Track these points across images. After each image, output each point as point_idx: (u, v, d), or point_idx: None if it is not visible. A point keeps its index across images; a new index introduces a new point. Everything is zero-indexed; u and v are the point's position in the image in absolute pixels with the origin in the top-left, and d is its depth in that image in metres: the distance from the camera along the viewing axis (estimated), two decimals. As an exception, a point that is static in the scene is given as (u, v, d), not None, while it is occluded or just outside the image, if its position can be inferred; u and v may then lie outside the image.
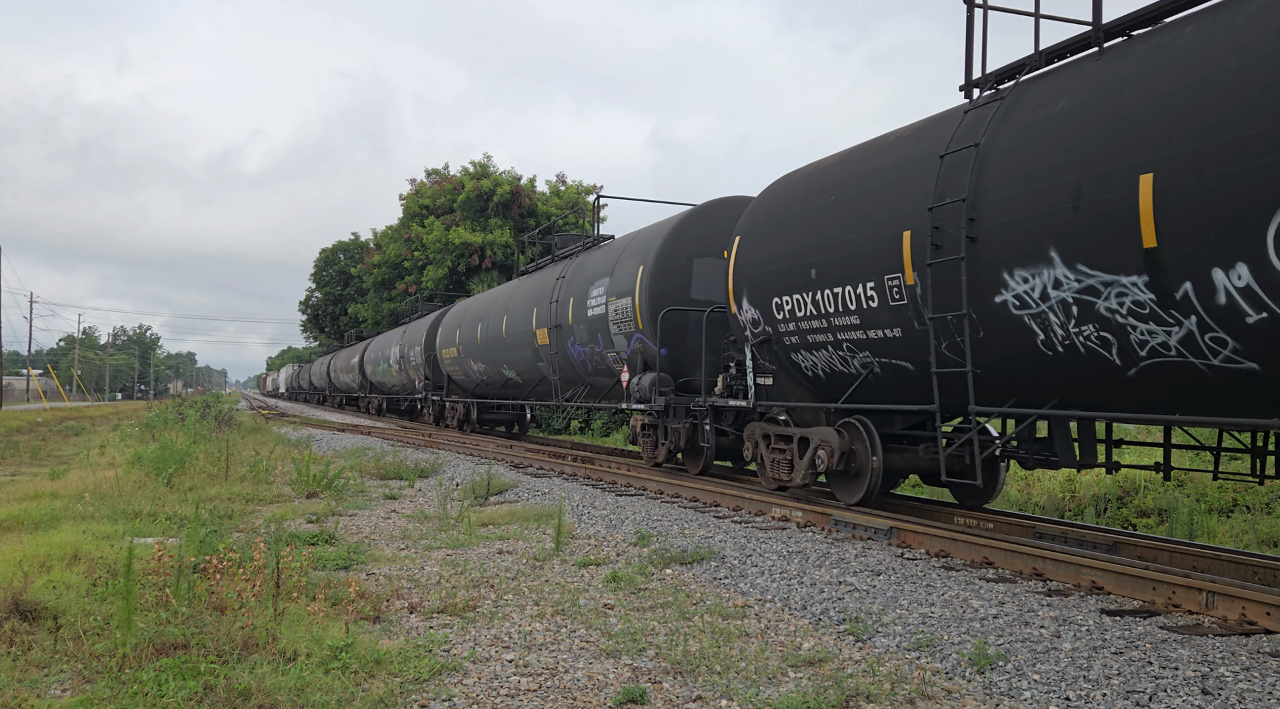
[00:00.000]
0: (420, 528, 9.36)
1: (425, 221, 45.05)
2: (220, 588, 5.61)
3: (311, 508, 10.51)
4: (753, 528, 9.09)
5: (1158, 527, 12.90)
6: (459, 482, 13.15)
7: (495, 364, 21.64)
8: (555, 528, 8.31)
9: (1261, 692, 4.35)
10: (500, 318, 20.77)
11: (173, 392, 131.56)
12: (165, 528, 8.59)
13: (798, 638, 5.43)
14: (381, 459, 16.26)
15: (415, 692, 4.38)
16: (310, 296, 69.55)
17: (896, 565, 7.25)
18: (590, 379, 16.81)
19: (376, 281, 50.94)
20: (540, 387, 19.52)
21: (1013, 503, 14.97)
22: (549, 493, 11.74)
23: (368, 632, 5.32)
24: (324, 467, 13.77)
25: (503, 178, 43.69)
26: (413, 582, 6.82)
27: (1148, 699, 4.27)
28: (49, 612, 5.32)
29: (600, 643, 5.27)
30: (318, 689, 4.27)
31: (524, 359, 19.51)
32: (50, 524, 8.43)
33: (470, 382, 24.32)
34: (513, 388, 21.74)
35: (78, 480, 12.17)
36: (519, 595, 6.41)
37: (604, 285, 15.31)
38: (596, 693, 4.45)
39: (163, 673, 4.36)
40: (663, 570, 7.24)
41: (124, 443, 19.53)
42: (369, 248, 54.36)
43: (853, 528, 8.85)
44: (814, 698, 4.30)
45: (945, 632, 5.39)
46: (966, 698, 4.41)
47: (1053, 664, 4.75)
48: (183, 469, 12.79)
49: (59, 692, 4.31)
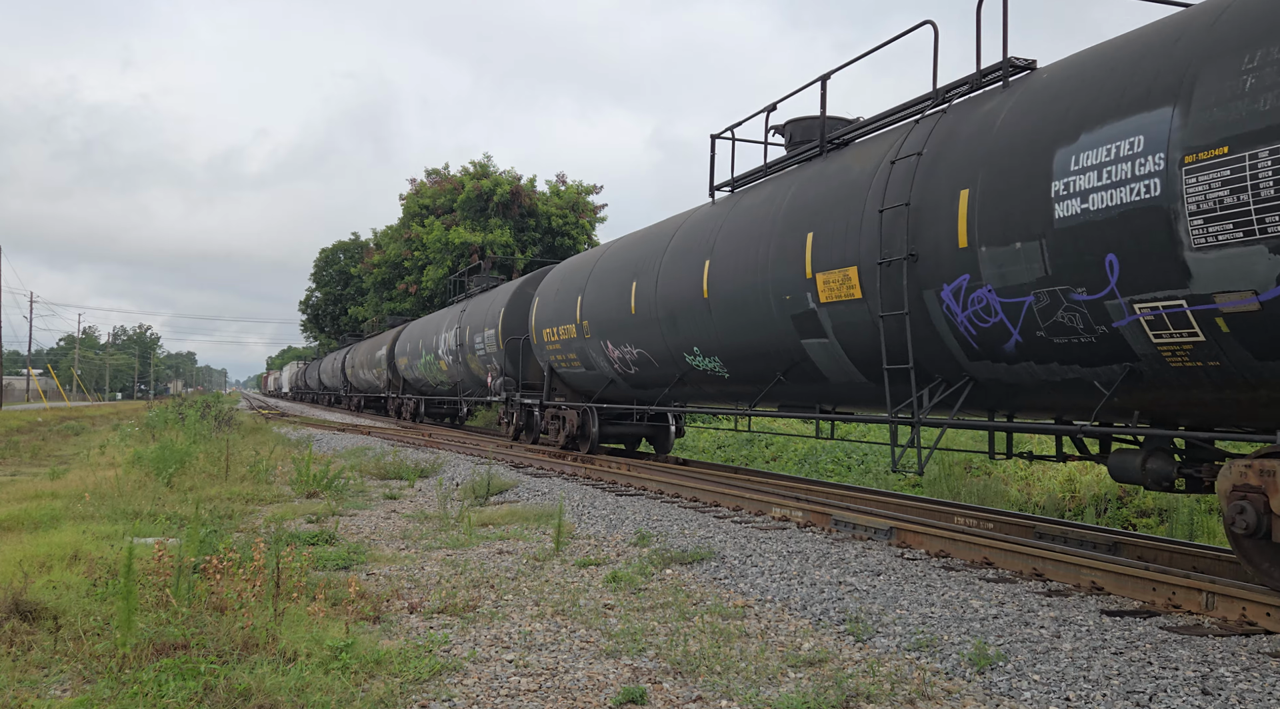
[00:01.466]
0: (420, 528, 9.36)
1: (425, 221, 45.04)
2: (220, 588, 5.61)
3: (311, 508, 10.51)
4: (753, 528, 9.09)
5: (1158, 527, 12.90)
6: (459, 481, 13.15)
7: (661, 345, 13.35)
8: (555, 528, 8.31)
9: (1261, 692, 4.35)
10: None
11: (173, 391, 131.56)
12: (165, 528, 8.59)
13: (798, 638, 5.43)
14: (381, 459, 16.26)
15: (415, 692, 4.38)
16: (310, 296, 69.52)
17: (896, 565, 7.25)
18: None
19: (376, 281, 50.94)
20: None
21: (1012, 503, 14.98)
22: (549, 493, 11.74)
23: (368, 632, 5.32)
24: (324, 467, 13.77)
25: (503, 178, 43.68)
26: (413, 582, 6.82)
27: (1148, 699, 4.27)
28: (49, 612, 5.32)
29: (600, 643, 5.27)
30: (318, 689, 4.27)
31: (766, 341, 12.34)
32: (50, 524, 8.43)
33: (603, 377, 15.62)
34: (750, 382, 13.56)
35: (78, 480, 12.17)
36: (519, 595, 6.41)
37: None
38: (596, 693, 4.45)
39: (163, 673, 4.36)
40: (663, 570, 7.24)
41: (124, 443, 19.53)
42: (369, 248, 54.34)
43: (853, 528, 8.85)
44: (814, 698, 4.30)
45: (945, 632, 5.39)
46: (966, 698, 4.41)
47: (1053, 664, 4.75)
48: (183, 469, 12.79)
49: (59, 692, 4.31)
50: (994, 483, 16.19)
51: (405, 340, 32.05)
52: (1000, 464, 17.34)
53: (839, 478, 18.78)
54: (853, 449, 20.68)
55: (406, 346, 31.47)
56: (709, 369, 11.93)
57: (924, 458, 8.06)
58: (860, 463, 19.85)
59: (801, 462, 20.69)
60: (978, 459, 17.73)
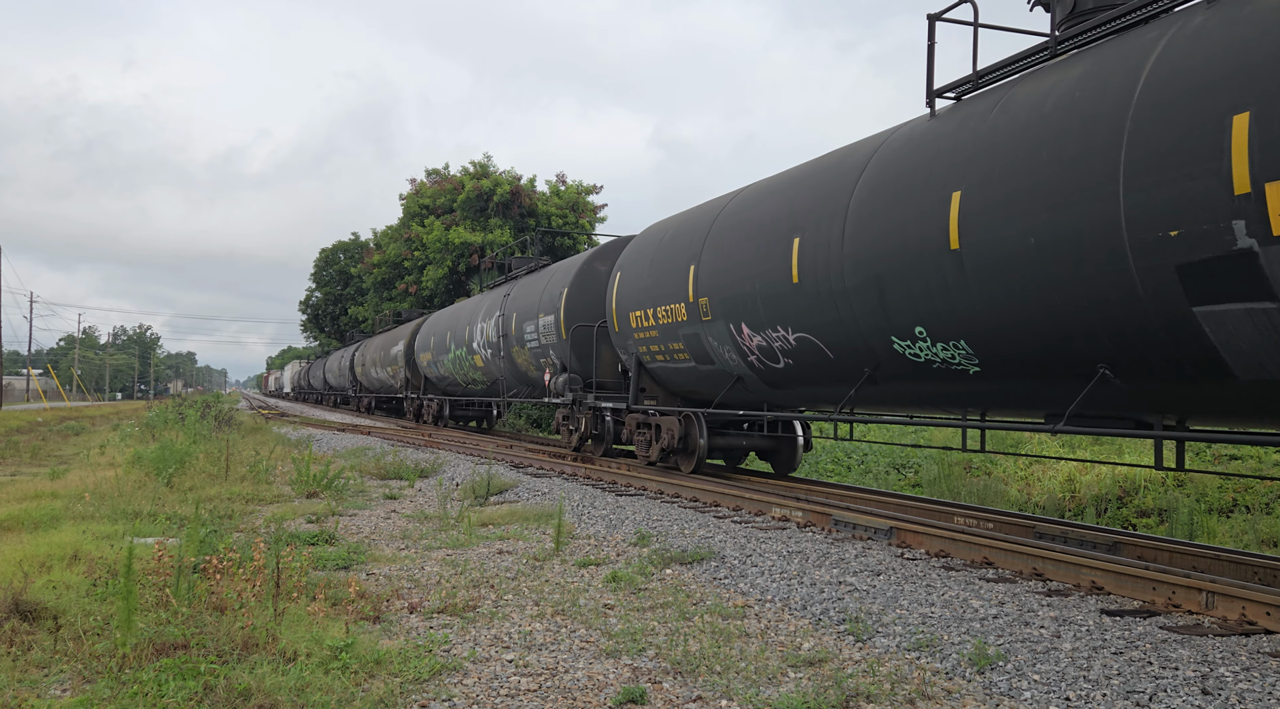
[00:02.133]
0: (420, 528, 9.36)
1: (425, 221, 45.04)
2: (220, 588, 5.61)
3: (311, 508, 10.51)
4: (753, 528, 9.09)
5: (1158, 527, 12.91)
6: (459, 482, 13.15)
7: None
8: (555, 528, 8.31)
9: (1261, 692, 4.35)
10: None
11: (173, 391, 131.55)
12: (165, 528, 8.59)
13: (798, 638, 5.43)
14: (381, 459, 16.26)
15: (415, 692, 4.38)
16: (310, 296, 69.54)
17: (896, 565, 7.25)
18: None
19: (376, 281, 50.95)
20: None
21: (1013, 503, 14.98)
22: (549, 493, 11.74)
23: (368, 632, 5.32)
24: (324, 467, 13.77)
25: (502, 178, 43.69)
26: (413, 582, 6.82)
27: (1148, 699, 4.27)
28: (49, 612, 5.32)
29: (600, 643, 5.27)
30: (318, 689, 4.27)
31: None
32: (50, 524, 8.43)
33: (726, 374, 12.38)
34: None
35: (78, 480, 12.17)
36: (519, 595, 6.41)
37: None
38: (596, 693, 4.45)
39: (163, 673, 4.36)
40: (663, 570, 7.24)
41: (124, 443, 19.53)
42: (369, 248, 54.34)
43: (853, 528, 8.85)
44: (814, 698, 4.30)
45: (945, 632, 5.39)
46: (966, 698, 4.41)
47: (1053, 664, 4.75)
48: (183, 469, 12.79)
49: (59, 692, 4.31)
50: (994, 483, 16.19)
51: (428, 333, 28.51)
52: (1000, 464, 17.34)
53: (839, 478, 18.77)
54: (853, 449, 20.61)
55: (430, 340, 27.89)
56: (938, 360, 8.20)
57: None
58: (860, 463, 19.84)
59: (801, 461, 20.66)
60: (978, 459, 17.74)
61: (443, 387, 28.23)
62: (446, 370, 26.39)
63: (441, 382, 27.87)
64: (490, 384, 22.80)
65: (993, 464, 17.33)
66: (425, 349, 28.61)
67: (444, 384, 27.73)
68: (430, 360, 28.07)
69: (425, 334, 29.13)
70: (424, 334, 29.34)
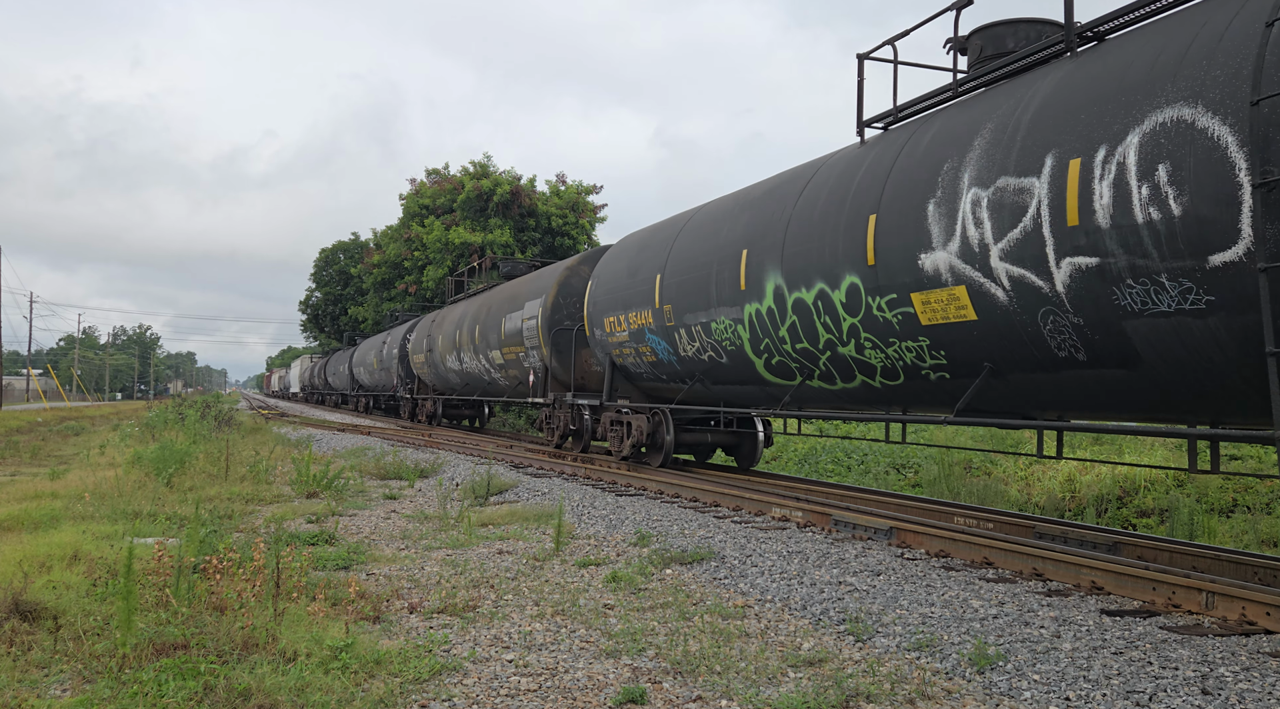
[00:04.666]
0: (420, 528, 9.36)
1: (425, 221, 45.05)
2: (220, 588, 5.61)
3: (311, 508, 10.51)
4: (753, 528, 9.09)
5: (1158, 527, 12.91)
6: (459, 482, 13.15)
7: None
8: (555, 528, 8.31)
9: (1261, 692, 4.35)
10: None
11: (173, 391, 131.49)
12: (165, 528, 8.59)
13: (798, 638, 5.43)
14: (381, 459, 16.27)
15: (415, 692, 4.38)
16: (310, 296, 69.55)
17: (896, 565, 7.25)
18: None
19: (376, 282, 50.95)
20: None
21: (1012, 503, 14.98)
22: (549, 493, 11.74)
23: (368, 632, 5.32)
24: (324, 467, 13.78)
25: (502, 178, 43.70)
26: (413, 582, 6.82)
27: (1148, 699, 4.27)
28: (49, 612, 5.32)
29: (600, 643, 5.27)
30: (318, 689, 4.27)
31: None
32: (50, 524, 8.43)
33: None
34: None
35: (78, 480, 12.17)
36: (519, 595, 6.41)
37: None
38: (596, 693, 4.45)
39: (163, 673, 4.36)
40: (663, 570, 7.24)
41: (124, 443, 19.53)
42: (369, 248, 54.35)
43: (853, 528, 8.85)
44: (814, 698, 4.30)
45: (945, 632, 5.39)
46: (966, 698, 4.41)
47: (1053, 664, 4.75)
48: (183, 469, 12.79)
49: (59, 692, 4.31)
50: (994, 483, 16.19)
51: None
52: (1000, 464, 17.34)
53: (839, 478, 18.77)
54: (852, 449, 20.64)
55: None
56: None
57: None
58: (860, 463, 19.85)
59: (801, 462, 20.68)
60: (977, 458, 17.73)
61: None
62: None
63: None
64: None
65: (993, 464, 17.34)
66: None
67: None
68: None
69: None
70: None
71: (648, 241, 14.18)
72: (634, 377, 14.71)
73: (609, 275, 15.01)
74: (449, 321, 25.54)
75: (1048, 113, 6.93)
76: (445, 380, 26.82)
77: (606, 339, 14.85)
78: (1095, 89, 6.62)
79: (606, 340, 14.88)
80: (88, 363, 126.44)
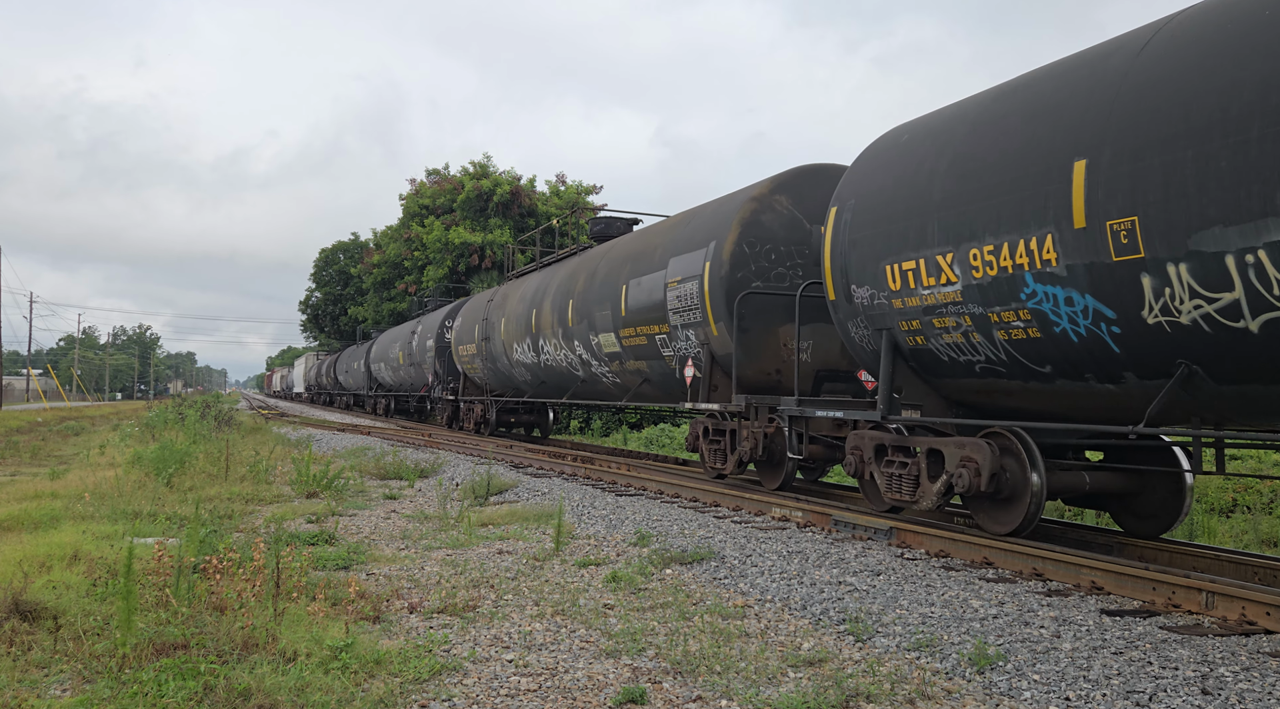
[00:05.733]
0: (420, 528, 9.36)
1: (425, 221, 45.06)
2: (220, 588, 5.61)
3: (311, 508, 10.51)
4: (753, 528, 9.09)
5: (1158, 527, 12.89)
6: (459, 482, 13.15)
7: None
8: (555, 528, 8.31)
9: (1261, 692, 4.35)
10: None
11: (173, 391, 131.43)
12: (165, 528, 8.59)
13: (798, 638, 5.43)
14: (381, 459, 16.26)
15: (415, 692, 4.38)
16: (310, 296, 69.55)
17: (896, 565, 7.25)
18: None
19: (376, 282, 50.95)
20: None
21: (1013, 503, 14.93)
22: (549, 493, 11.74)
23: (368, 632, 5.32)
24: (324, 467, 13.77)
25: (502, 178, 43.72)
26: (413, 582, 6.82)
27: (1148, 699, 4.27)
28: (49, 612, 5.32)
29: (600, 643, 5.27)
30: (318, 689, 4.27)
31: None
32: (50, 524, 8.43)
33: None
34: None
35: (78, 480, 12.17)
36: (519, 595, 6.41)
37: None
38: (596, 693, 4.45)
39: (163, 673, 4.36)
40: (663, 570, 7.24)
41: (124, 443, 19.53)
42: (369, 248, 54.35)
43: (853, 528, 8.85)
44: (814, 698, 4.30)
45: (945, 632, 5.39)
46: (966, 698, 4.41)
47: (1053, 664, 4.75)
48: (183, 469, 12.79)
49: (59, 692, 4.31)
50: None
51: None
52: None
53: (838, 478, 18.75)
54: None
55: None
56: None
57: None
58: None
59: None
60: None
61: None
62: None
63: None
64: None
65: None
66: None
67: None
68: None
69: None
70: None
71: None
72: (944, 370, 8.42)
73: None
74: (516, 299, 19.93)
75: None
76: (507, 378, 21.40)
77: (887, 304, 8.60)
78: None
79: (887, 306, 8.62)
80: (88, 363, 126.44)
